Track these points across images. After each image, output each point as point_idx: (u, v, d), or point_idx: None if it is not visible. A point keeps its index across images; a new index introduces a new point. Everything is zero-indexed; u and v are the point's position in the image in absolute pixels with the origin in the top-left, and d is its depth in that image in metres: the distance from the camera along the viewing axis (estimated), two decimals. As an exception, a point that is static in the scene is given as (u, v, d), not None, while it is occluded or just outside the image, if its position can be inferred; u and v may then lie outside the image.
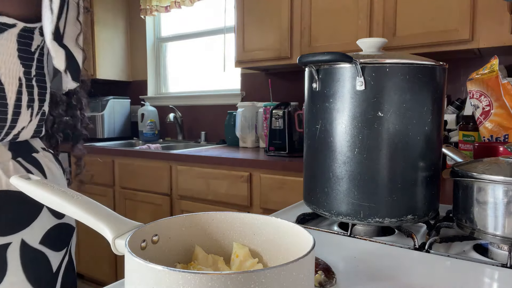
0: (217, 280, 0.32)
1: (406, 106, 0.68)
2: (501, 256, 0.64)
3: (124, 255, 0.38)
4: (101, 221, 0.46)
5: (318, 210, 0.76)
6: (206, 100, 2.85)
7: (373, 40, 0.76)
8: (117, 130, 3.07)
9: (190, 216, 0.50)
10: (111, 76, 3.09)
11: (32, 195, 0.52)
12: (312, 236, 0.41)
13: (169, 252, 0.48)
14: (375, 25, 1.84)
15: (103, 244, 2.50)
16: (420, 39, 1.72)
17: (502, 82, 1.07)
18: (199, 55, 2.99)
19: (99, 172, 2.49)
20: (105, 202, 2.43)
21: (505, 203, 0.61)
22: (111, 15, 3.06)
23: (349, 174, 0.70)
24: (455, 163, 0.75)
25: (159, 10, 2.89)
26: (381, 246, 0.69)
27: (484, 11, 1.61)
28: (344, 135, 0.70)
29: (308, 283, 0.38)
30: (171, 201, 2.18)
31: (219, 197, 1.96)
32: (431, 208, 0.74)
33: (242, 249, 0.48)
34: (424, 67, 0.69)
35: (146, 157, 2.25)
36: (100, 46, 2.98)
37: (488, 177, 0.63)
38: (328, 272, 0.55)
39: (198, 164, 2.03)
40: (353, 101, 0.69)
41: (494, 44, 1.60)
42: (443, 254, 0.65)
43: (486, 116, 1.10)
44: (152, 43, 3.18)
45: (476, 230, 0.65)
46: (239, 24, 2.26)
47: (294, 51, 2.08)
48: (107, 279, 2.53)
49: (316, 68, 0.73)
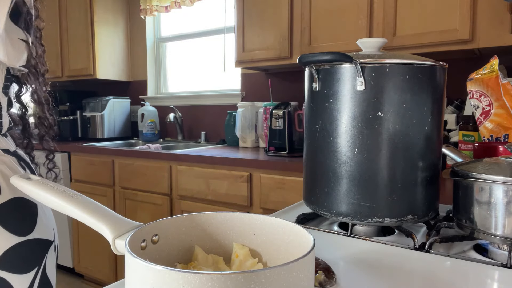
0: (217, 280, 0.32)
1: (406, 106, 0.68)
2: (501, 256, 0.64)
3: (124, 255, 0.38)
4: (101, 221, 0.46)
5: (318, 210, 0.76)
6: (206, 100, 2.85)
7: (373, 40, 0.76)
8: (117, 130, 3.07)
9: (190, 216, 0.50)
10: (111, 76, 3.09)
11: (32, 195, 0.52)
12: (312, 236, 0.41)
13: (169, 252, 0.48)
14: (375, 25, 1.84)
15: (103, 244, 2.50)
16: (420, 39, 1.72)
17: (502, 82, 1.07)
18: (199, 55, 2.99)
19: (99, 172, 2.49)
20: (105, 202, 2.43)
21: (505, 203, 0.61)
22: (111, 15, 3.06)
23: (349, 174, 0.70)
24: (455, 163, 0.75)
25: (159, 10, 2.89)
26: (381, 246, 0.69)
27: (484, 11, 1.60)
28: (344, 135, 0.70)
29: (308, 283, 0.38)
30: (171, 201, 2.18)
31: (219, 197, 1.96)
32: (431, 208, 0.74)
33: (242, 249, 0.48)
34: (424, 67, 0.69)
35: (146, 157, 2.25)
36: (100, 46, 2.98)
37: (488, 177, 0.63)
38: (328, 272, 0.55)
39: (198, 164, 2.03)
40: (353, 101, 0.69)
41: (494, 44, 1.60)
42: (443, 254, 0.65)
43: (486, 116, 1.10)
44: (152, 43, 3.18)
45: (476, 230, 0.65)
46: (239, 24, 2.26)
47: (294, 51, 2.08)
48: (107, 279, 2.53)
49: (316, 68, 0.73)
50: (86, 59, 2.98)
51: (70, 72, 3.10)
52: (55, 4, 3.11)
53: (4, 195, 0.65)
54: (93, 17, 2.92)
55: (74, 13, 3.03)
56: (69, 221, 2.70)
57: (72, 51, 3.07)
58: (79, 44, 3.02)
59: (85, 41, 2.98)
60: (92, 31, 2.94)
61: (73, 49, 3.06)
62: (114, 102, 3.04)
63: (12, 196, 0.66)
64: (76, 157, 2.63)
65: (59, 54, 3.14)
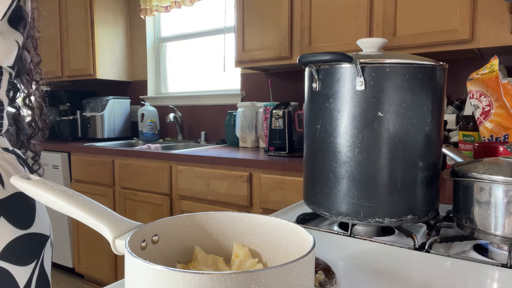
0: (217, 280, 0.32)
1: (406, 106, 0.68)
2: (501, 256, 0.64)
3: (124, 255, 0.38)
4: (101, 221, 0.46)
5: (318, 210, 0.76)
6: (206, 100, 2.85)
7: (373, 40, 0.76)
8: (117, 130, 3.07)
9: (190, 216, 0.50)
10: (111, 76, 3.09)
11: (32, 195, 0.52)
12: (312, 236, 0.41)
13: (169, 252, 0.48)
14: (375, 25, 1.84)
15: (103, 244, 2.50)
16: (420, 39, 1.72)
17: (502, 82, 1.07)
18: (199, 55, 2.99)
19: (99, 172, 2.49)
20: (105, 202, 2.43)
21: (505, 203, 0.61)
22: (111, 15, 3.06)
23: (349, 174, 0.70)
24: (455, 163, 0.75)
25: (159, 10, 2.89)
26: (381, 246, 0.69)
27: (484, 11, 1.61)
28: (344, 135, 0.70)
29: (308, 283, 0.38)
30: (171, 201, 2.18)
31: (219, 197, 1.96)
32: (431, 208, 0.74)
33: (242, 249, 0.48)
34: (424, 67, 0.69)
35: (146, 157, 2.25)
36: (100, 46, 2.98)
37: (488, 177, 0.63)
38: (328, 272, 0.55)
39: (198, 164, 2.03)
40: (353, 101, 0.69)
41: (494, 44, 1.60)
42: (443, 254, 0.65)
43: (486, 116, 1.10)
44: (152, 43, 3.18)
45: (476, 230, 0.65)
46: (239, 24, 2.26)
47: (294, 51, 2.08)
48: (107, 279, 2.53)
49: (316, 68, 0.73)
50: (86, 59, 2.98)
51: (70, 72, 3.10)
52: (55, 4, 3.11)
53: (7, 190, 0.68)
54: (93, 17, 2.92)
55: (74, 13, 3.03)
56: (69, 221, 2.70)
57: (72, 51, 3.07)
58: (79, 44, 3.02)
59: (85, 41, 2.98)
60: (92, 31, 2.94)
61: (73, 49, 3.06)
62: (114, 102, 3.04)
63: (15, 190, 0.69)
64: (76, 157, 2.63)
65: (59, 54, 3.14)
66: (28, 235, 0.69)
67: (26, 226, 0.69)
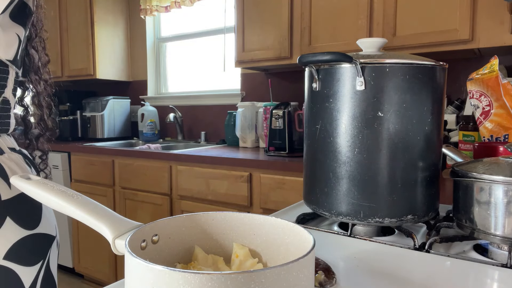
0: (217, 280, 0.32)
1: (406, 106, 0.68)
2: (501, 256, 0.64)
3: (124, 255, 0.38)
4: (101, 221, 0.46)
5: (318, 210, 0.76)
6: (206, 100, 2.85)
7: (373, 40, 0.76)
8: (117, 130, 3.07)
9: (190, 216, 0.50)
10: (111, 76, 3.09)
11: (32, 195, 0.52)
12: (312, 236, 0.41)
13: (169, 252, 0.48)
14: (375, 25, 1.84)
15: (103, 244, 2.50)
16: (420, 39, 1.72)
17: (502, 82, 1.07)
18: (199, 55, 2.99)
19: (99, 172, 2.49)
20: (105, 202, 2.43)
21: (505, 203, 0.61)
22: (111, 15, 3.06)
23: (349, 174, 0.70)
24: (455, 163, 0.75)
25: (159, 10, 2.89)
26: (381, 246, 0.69)
27: (484, 11, 1.60)
28: (344, 135, 0.70)
29: (308, 283, 0.38)
30: (171, 201, 2.18)
31: (219, 197, 1.96)
32: (431, 208, 0.74)
33: (242, 249, 0.48)
34: (424, 67, 0.69)
35: (146, 157, 2.25)
36: (100, 46, 2.98)
37: (488, 177, 0.63)
38: (328, 272, 0.55)
39: (198, 164, 2.03)
40: (353, 101, 0.69)
41: (494, 44, 1.60)
42: (443, 254, 0.65)
43: (486, 116, 1.10)
44: (152, 43, 3.18)
45: (476, 230, 0.65)
46: (239, 24, 2.26)
47: (294, 51, 2.08)
48: (107, 279, 2.53)
49: (316, 68, 0.73)
50: (86, 59, 2.98)
51: (70, 72, 3.10)
52: (55, 5, 3.11)
53: (13, 190, 0.68)
54: (93, 17, 2.92)
55: (74, 13, 3.03)
56: (69, 221, 2.70)
57: (72, 51, 3.07)
58: (79, 44, 3.02)
59: (85, 41, 2.98)
60: (92, 31, 2.94)
61: (73, 49, 3.06)
62: (114, 102, 3.04)
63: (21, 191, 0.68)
64: (76, 157, 2.63)
65: (59, 54, 3.14)
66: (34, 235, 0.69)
67: (32, 227, 0.69)
